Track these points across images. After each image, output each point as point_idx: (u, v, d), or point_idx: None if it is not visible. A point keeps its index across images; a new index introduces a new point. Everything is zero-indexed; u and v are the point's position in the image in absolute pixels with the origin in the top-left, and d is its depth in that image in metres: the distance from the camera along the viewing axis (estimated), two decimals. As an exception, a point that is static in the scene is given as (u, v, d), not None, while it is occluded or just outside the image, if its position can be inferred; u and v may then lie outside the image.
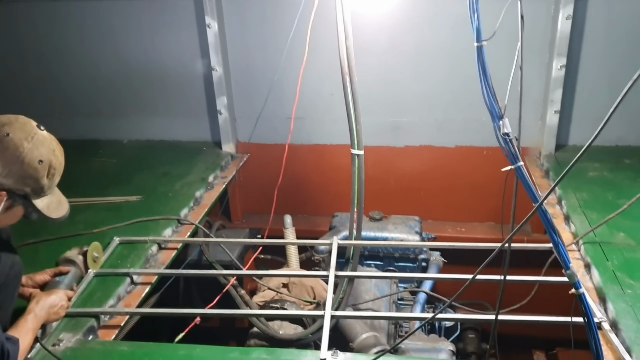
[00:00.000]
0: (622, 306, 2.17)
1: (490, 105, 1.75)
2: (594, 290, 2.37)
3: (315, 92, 3.85)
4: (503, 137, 1.74)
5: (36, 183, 1.82)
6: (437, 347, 2.61)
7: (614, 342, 2.01)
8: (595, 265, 2.47)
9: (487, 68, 1.75)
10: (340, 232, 3.46)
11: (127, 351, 2.05)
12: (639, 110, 3.62)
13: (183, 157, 4.11)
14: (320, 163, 4.16)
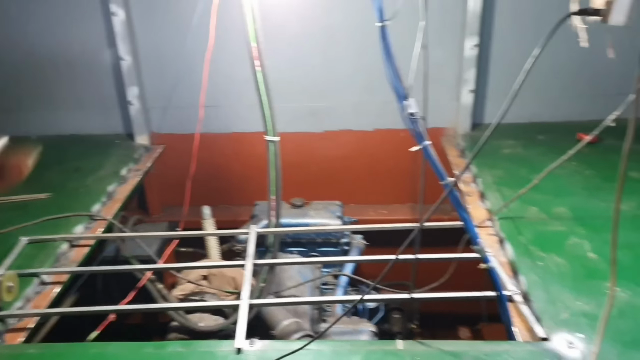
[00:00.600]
0: (533, 278, 2.25)
1: (395, 86, 1.79)
2: (508, 264, 2.45)
3: (229, 79, 3.82)
4: (409, 117, 1.78)
5: None
6: (359, 329, 2.66)
7: (524, 313, 2.09)
8: (509, 240, 2.55)
9: (390, 48, 1.79)
10: (261, 220, 3.46)
11: (36, 354, 1.97)
12: (550, 87, 3.80)
13: (95, 151, 3.98)
14: (239, 151, 4.14)
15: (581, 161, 3.27)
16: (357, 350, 1.92)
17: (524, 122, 3.92)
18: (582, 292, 2.16)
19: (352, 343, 2.01)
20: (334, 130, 4.04)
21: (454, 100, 3.89)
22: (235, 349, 1.94)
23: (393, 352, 1.90)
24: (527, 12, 3.67)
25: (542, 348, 1.89)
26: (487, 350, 1.87)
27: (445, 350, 1.88)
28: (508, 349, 1.87)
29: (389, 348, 1.92)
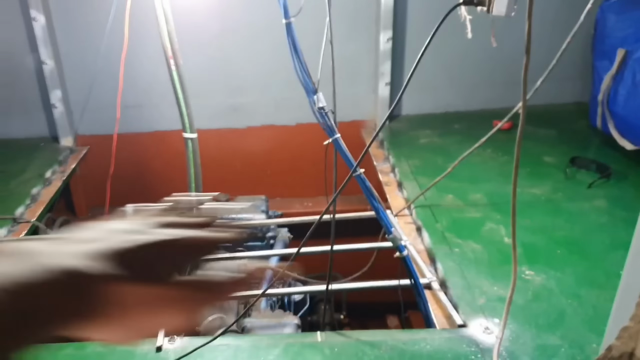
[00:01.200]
0: (450, 265, 2.23)
1: (303, 81, 1.73)
2: (425, 252, 2.42)
3: (151, 78, 3.65)
4: (319, 111, 1.72)
5: None
6: (283, 322, 2.58)
7: (442, 300, 2.06)
8: (426, 228, 2.52)
9: (297, 44, 1.75)
10: (186, 217, 3.33)
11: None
12: (464, 77, 3.82)
13: (19, 154, 3.73)
14: (161, 150, 3.99)
15: (496, 148, 3.29)
16: (276, 344, 1.84)
17: (440, 112, 3.93)
18: (498, 277, 2.14)
19: (271, 337, 1.93)
20: (256, 126, 3.94)
21: (371, 93, 3.86)
22: (156, 348, 1.83)
23: (312, 344, 1.83)
24: (439, 5, 3.64)
25: (460, 335, 1.86)
26: (405, 339, 1.82)
27: (363, 341, 1.82)
28: (426, 337, 1.83)
29: (308, 340, 1.85)
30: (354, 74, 3.76)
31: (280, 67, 3.73)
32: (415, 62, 1.34)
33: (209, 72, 3.66)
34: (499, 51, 3.80)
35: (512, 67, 3.85)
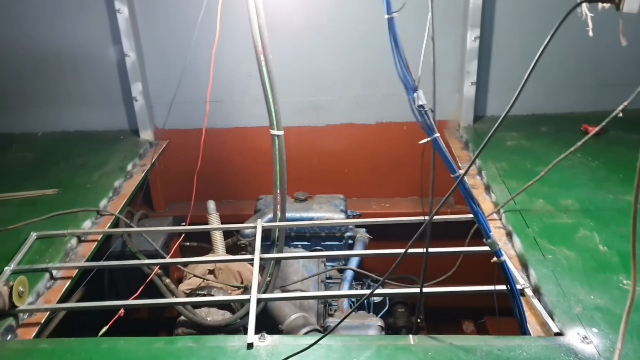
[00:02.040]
0: (543, 271, 2.20)
1: (403, 78, 1.72)
2: (516, 258, 2.40)
3: (232, 73, 3.75)
4: (418, 109, 1.72)
5: None
6: (366, 324, 2.60)
7: (536, 307, 2.04)
8: (517, 233, 2.49)
9: (399, 40, 1.72)
10: (265, 214, 3.40)
11: (48, 349, 1.92)
12: (552, 79, 3.74)
13: (100, 147, 3.92)
14: (242, 146, 4.07)
15: (586, 152, 3.22)
16: (367, 345, 1.86)
17: (527, 114, 3.87)
18: (595, 285, 2.10)
19: (362, 338, 1.94)
20: (336, 124, 3.96)
21: (455, 92, 3.83)
22: (247, 344, 1.89)
23: (405, 347, 1.84)
24: (528, 4, 3.60)
25: (556, 343, 1.83)
26: (500, 345, 1.81)
27: (457, 345, 1.82)
28: (521, 344, 1.82)
29: (401, 343, 1.86)
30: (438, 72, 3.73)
31: (362, 64, 3.77)
32: (533, 63, 1.32)
33: (290, 69, 3.73)
34: (589, 54, 3.72)
35: (601, 70, 3.76)
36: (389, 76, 3.70)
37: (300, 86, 3.84)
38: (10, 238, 2.71)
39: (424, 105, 1.72)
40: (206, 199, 3.56)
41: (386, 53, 3.73)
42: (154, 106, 4.05)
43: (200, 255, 3.46)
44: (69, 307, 2.32)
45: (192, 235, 3.71)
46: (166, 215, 4.09)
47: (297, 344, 1.88)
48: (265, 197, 3.67)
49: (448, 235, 2.60)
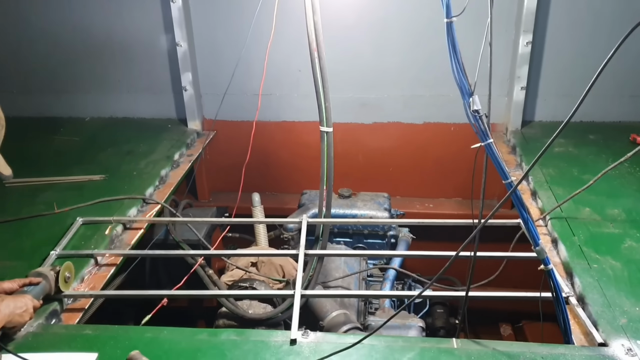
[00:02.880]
0: (588, 281, 2.18)
1: (460, 82, 1.72)
2: (561, 265, 2.38)
3: (283, 68, 3.77)
4: (473, 114, 1.72)
5: None
6: (407, 324, 2.61)
7: (581, 316, 2.03)
8: (562, 241, 2.48)
9: (457, 44, 1.73)
10: (309, 209, 3.43)
11: (92, 335, 1.98)
12: (602, 88, 3.66)
13: (147, 134, 4.00)
14: (288, 140, 4.11)
15: (634, 163, 3.18)
16: (411, 347, 1.88)
17: (575, 121, 3.76)
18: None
19: (406, 339, 1.96)
20: (383, 122, 3.96)
21: (504, 96, 3.81)
22: (290, 340, 1.92)
23: (448, 350, 1.85)
24: (583, 11, 3.56)
25: (600, 353, 1.82)
26: (543, 353, 1.81)
27: (500, 351, 1.82)
28: (565, 353, 1.82)
29: (444, 346, 1.87)
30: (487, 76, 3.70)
31: (411, 63, 3.75)
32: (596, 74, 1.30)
33: (340, 65, 3.73)
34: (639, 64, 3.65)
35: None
36: (438, 76, 3.71)
37: (348, 83, 3.85)
38: (56, 222, 2.78)
39: (479, 110, 1.72)
40: (251, 191, 3.61)
41: (435, 53, 3.74)
42: (203, 96, 4.11)
43: (242, 247, 3.53)
44: (114, 294, 2.39)
45: (235, 226, 3.76)
46: (210, 205, 4.16)
47: (340, 342, 1.90)
48: (310, 192, 3.70)
49: (490, 239, 2.58)
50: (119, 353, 1.84)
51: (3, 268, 2.09)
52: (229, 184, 4.22)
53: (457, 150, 3.81)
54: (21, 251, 2.53)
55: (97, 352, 1.86)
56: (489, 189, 1.87)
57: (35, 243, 2.59)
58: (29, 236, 2.67)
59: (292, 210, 3.63)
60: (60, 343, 1.93)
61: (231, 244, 3.86)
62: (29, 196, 3.07)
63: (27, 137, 3.92)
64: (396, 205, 3.77)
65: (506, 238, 2.56)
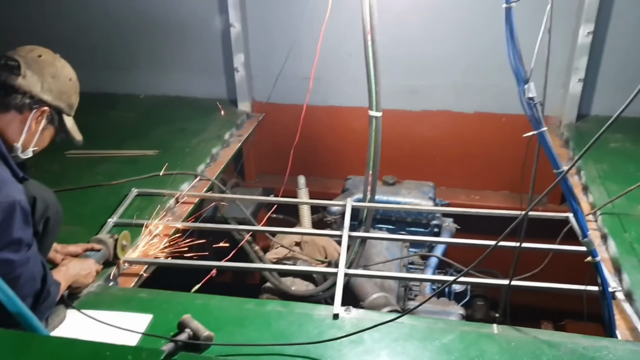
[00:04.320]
0: (637, 277, 2.18)
1: (516, 69, 1.74)
2: (610, 261, 2.38)
3: (333, 51, 3.80)
4: (527, 101, 1.74)
5: (69, 99, 1.91)
6: (448, 310, 2.65)
7: (627, 312, 2.04)
8: (612, 236, 2.47)
9: (514, 31, 1.74)
10: (353, 194, 3.49)
11: (147, 298, 2.11)
12: (664, 83, 3.59)
13: (199, 113, 4.13)
14: (334, 125, 4.16)
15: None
16: (451, 329, 1.93)
17: (634, 116, 3.71)
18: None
19: (446, 322, 2.02)
20: (432, 110, 3.96)
21: (560, 88, 3.75)
22: (333, 314, 2.00)
23: (488, 335, 1.89)
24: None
25: (645, 348, 1.83)
26: (585, 344, 1.83)
27: (541, 339, 1.85)
28: (608, 346, 1.83)
29: (484, 331, 1.92)
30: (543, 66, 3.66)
31: (464, 51, 3.74)
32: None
33: (391, 50, 3.69)
34: None
35: None
36: (491, 66, 3.68)
37: (398, 69, 3.85)
38: (113, 193, 2.95)
39: (534, 98, 1.74)
40: (296, 174, 3.69)
41: (489, 41, 3.71)
42: (254, 78, 4.20)
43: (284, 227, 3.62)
44: (166, 262, 2.50)
45: (280, 207, 3.85)
46: (256, 186, 4.26)
47: (382, 319, 1.96)
48: (354, 178, 3.75)
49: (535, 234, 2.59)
50: (171, 316, 1.95)
51: (66, 232, 2.23)
52: (274, 165, 4.30)
53: (507, 142, 3.78)
54: (82, 217, 2.71)
55: (152, 314, 1.98)
56: (539, 183, 1.87)
57: (94, 211, 2.77)
58: (88, 204, 2.85)
59: (335, 195, 3.70)
60: (118, 303, 2.06)
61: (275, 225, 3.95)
62: (88, 167, 3.26)
63: (86, 111, 4.03)
64: (441, 195, 3.76)
65: (552, 234, 2.52)
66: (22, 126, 1.79)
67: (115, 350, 1.27)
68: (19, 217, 1.64)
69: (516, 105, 1.74)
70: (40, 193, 1.91)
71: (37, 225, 1.89)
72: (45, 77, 1.80)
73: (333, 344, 1.84)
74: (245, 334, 1.90)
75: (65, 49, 1.99)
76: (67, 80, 1.89)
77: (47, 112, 1.83)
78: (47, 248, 2.06)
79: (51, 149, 2.01)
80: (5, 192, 1.63)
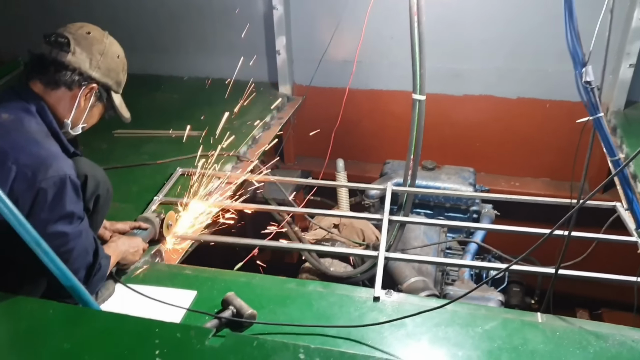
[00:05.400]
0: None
1: (573, 51, 1.66)
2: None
3: (375, 34, 3.67)
4: (584, 85, 1.65)
5: (117, 76, 1.90)
6: (486, 296, 2.58)
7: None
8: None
9: (574, 11, 1.65)
10: (392, 178, 3.43)
11: (191, 275, 2.10)
12: None
13: (241, 96, 4.09)
14: (374, 109, 4.08)
15: None
16: (493, 316, 1.86)
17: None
18: None
19: (488, 309, 1.94)
20: (475, 95, 3.83)
21: (609, 73, 3.53)
22: (373, 297, 1.95)
23: (532, 324, 1.82)
24: None
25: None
26: (635, 337, 1.74)
27: (588, 330, 1.77)
28: (659, 340, 1.74)
29: (528, 319, 1.85)
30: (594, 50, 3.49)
31: (509, 35, 3.58)
32: None
33: (434, 34, 3.57)
34: None
35: None
36: (537, 50, 3.54)
37: (442, 52, 3.70)
38: (158, 171, 2.97)
39: (592, 82, 1.65)
40: (334, 157, 3.64)
41: (536, 25, 3.51)
42: (295, 61, 4.14)
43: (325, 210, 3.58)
44: (210, 239, 2.48)
45: (318, 190, 3.81)
46: (295, 168, 4.23)
47: (422, 304, 1.92)
48: (393, 162, 3.68)
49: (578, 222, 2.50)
50: (215, 293, 1.94)
51: (113, 209, 2.22)
52: (313, 148, 4.27)
53: (551, 128, 3.65)
54: (129, 195, 2.73)
55: (196, 291, 1.97)
56: (580, 171, 1.78)
57: (140, 189, 2.79)
58: (135, 182, 2.87)
59: (373, 179, 3.64)
60: (163, 279, 2.06)
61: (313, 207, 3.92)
62: (135, 146, 3.28)
63: (132, 92, 4.06)
64: (480, 181, 3.65)
65: (595, 222, 2.40)
66: (72, 103, 1.78)
67: (164, 327, 1.26)
68: (70, 190, 1.64)
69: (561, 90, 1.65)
70: (91, 171, 1.90)
71: (88, 203, 1.88)
72: (94, 54, 1.79)
73: (374, 326, 1.80)
74: (287, 313, 1.88)
75: (112, 30, 1.96)
76: (115, 58, 1.87)
77: (95, 88, 1.82)
78: (97, 225, 2.06)
79: (99, 128, 2.01)
80: (56, 167, 1.63)
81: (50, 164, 1.61)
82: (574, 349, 1.69)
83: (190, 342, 1.20)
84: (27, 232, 1.36)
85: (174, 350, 1.18)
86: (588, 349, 1.69)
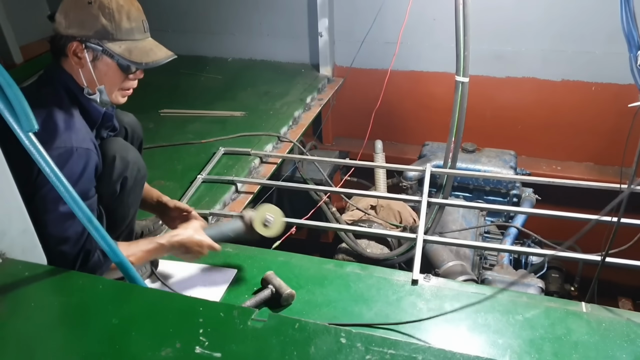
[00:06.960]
0: None
1: (628, 33, 1.54)
2: None
3: (417, 16, 3.53)
4: (638, 68, 1.54)
5: (95, 24, 1.62)
6: (526, 283, 2.48)
7: None
8: None
9: (630, -9, 1.53)
10: (430, 160, 3.33)
11: (232, 253, 2.07)
12: None
13: (282, 77, 4.06)
14: (414, 90, 3.95)
15: None
16: (535, 304, 1.77)
17: None
18: None
19: (530, 296, 1.85)
20: (518, 77, 3.66)
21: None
22: (411, 280, 1.89)
23: (576, 313, 1.72)
24: None
25: None
26: (688, 331, 1.63)
27: (637, 323, 1.66)
28: None
29: (572, 309, 1.75)
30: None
31: (555, 16, 3.38)
32: None
33: (477, 14, 3.46)
34: None
35: None
36: (584, 32, 3.34)
37: (484, 33, 3.53)
38: (202, 150, 2.96)
39: (646, 66, 1.54)
40: (373, 139, 3.56)
41: (585, 5, 3.31)
42: (336, 43, 4.06)
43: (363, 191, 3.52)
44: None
45: (356, 170, 3.75)
46: (333, 149, 4.17)
47: (461, 289, 1.85)
48: (432, 144, 3.58)
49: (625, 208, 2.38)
50: (255, 272, 1.91)
51: (159, 187, 2.22)
52: (351, 129, 4.20)
53: (596, 112, 3.47)
54: (174, 173, 2.73)
55: (236, 269, 1.95)
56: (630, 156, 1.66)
57: (184, 167, 2.78)
58: (179, 160, 2.86)
59: (411, 161, 3.55)
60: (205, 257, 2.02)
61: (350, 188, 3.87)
62: (180, 126, 3.27)
63: (179, 73, 4.11)
64: (521, 164, 3.51)
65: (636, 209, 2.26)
66: (76, 67, 1.66)
67: (207, 306, 1.24)
68: (75, 164, 1.54)
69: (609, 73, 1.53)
70: (121, 152, 1.78)
71: (115, 185, 1.77)
72: (67, 13, 1.62)
73: (412, 310, 1.74)
74: (325, 294, 1.83)
75: (159, 13, 1.90)
76: (85, 5, 1.62)
77: (79, 45, 1.63)
78: (129, 206, 1.89)
79: (146, 107, 1.98)
80: (64, 137, 1.54)
81: (58, 136, 1.53)
82: (621, 341, 1.59)
83: (233, 322, 1.17)
84: (80, 209, 1.32)
85: (217, 330, 1.15)
86: (636, 342, 1.59)
